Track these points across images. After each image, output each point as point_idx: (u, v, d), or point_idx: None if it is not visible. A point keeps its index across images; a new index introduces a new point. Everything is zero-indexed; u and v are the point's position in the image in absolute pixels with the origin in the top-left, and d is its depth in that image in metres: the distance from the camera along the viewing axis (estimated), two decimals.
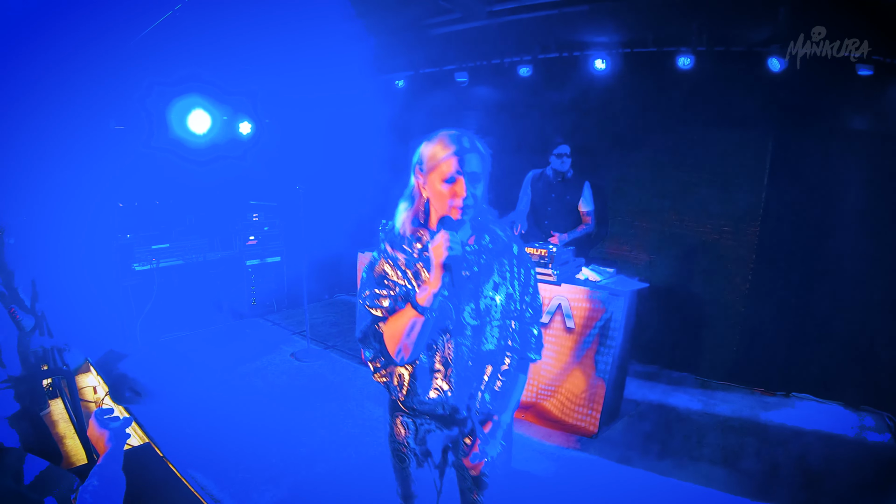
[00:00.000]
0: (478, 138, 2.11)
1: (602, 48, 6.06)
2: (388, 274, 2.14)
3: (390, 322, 2.07)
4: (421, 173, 2.12)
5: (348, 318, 7.48)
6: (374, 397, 5.35)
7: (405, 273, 2.13)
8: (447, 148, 2.02)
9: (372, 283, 2.17)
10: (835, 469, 4.44)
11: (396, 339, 2.04)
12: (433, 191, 2.08)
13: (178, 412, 4.91)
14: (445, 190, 2.03)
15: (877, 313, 5.36)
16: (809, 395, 5.72)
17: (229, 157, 7.18)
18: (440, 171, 2.02)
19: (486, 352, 2.20)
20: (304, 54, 6.69)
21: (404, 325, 2.00)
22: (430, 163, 2.05)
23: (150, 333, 6.58)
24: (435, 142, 2.07)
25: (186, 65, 6.45)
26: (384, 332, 2.10)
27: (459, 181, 2.01)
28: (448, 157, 2.01)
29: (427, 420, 2.26)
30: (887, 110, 5.12)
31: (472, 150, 2.04)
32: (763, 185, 5.75)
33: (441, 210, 2.07)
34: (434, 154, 2.04)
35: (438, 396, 2.18)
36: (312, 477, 4.10)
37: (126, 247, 6.47)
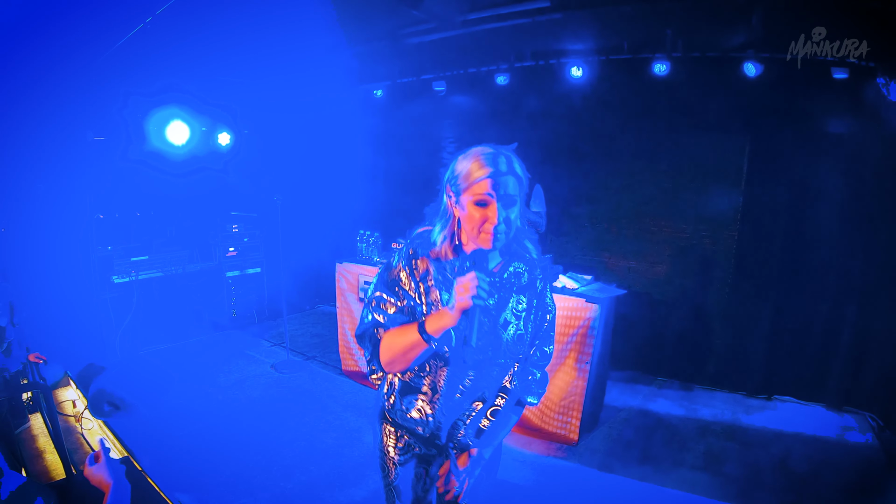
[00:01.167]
0: (516, 157, 1.95)
1: (578, 56, 6.09)
2: (402, 282, 2.03)
3: (391, 335, 1.99)
4: (452, 192, 1.96)
5: (329, 329, 7.44)
6: (352, 408, 5.32)
7: (418, 286, 2.03)
8: (482, 168, 1.86)
9: (383, 286, 2.06)
10: (817, 471, 4.46)
11: (391, 354, 1.97)
12: (464, 213, 1.93)
13: (157, 425, 4.84)
14: (476, 214, 1.88)
15: (856, 314, 5.40)
16: (791, 398, 5.76)
17: (209, 168, 7.14)
18: (472, 192, 1.87)
19: (479, 386, 2.14)
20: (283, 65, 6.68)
21: (404, 344, 1.92)
22: (463, 182, 1.90)
23: (129, 346, 6.52)
24: (469, 159, 1.91)
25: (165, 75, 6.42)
26: (382, 341, 2.00)
27: (492, 206, 1.86)
28: (482, 179, 1.85)
29: (407, 434, 2.21)
30: (863, 113, 5.16)
31: (509, 173, 1.88)
32: (740, 189, 5.79)
33: (471, 233, 1.94)
34: (468, 174, 1.88)
35: (420, 418, 2.13)
36: (290, 488, 4.07)
37: (105, 259, 6.42)
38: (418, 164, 7.70)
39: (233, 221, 7.71)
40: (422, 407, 2.13)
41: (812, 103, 5.37)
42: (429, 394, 2.11)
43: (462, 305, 1.77)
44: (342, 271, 5.67)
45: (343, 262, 5.67)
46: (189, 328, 7.18)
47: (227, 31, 5.85)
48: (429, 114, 7.55)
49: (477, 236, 1.91)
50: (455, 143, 7.68)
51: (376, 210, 7.50)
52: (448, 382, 2.08)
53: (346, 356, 5.86)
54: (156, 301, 6.87)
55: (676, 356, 6.13)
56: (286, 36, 6.09)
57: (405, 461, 2.25)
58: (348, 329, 5.75)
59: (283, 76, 6.99)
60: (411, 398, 2.14)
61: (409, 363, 1.97)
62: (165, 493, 2.51)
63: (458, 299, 1.77)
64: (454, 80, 7.13)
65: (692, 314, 6.10)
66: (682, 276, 6.13)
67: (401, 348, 1.94)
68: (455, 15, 5.87)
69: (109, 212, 6.64)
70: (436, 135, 7.84)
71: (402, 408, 2.16)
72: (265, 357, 6.63)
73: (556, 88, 6.34)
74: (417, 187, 7.73)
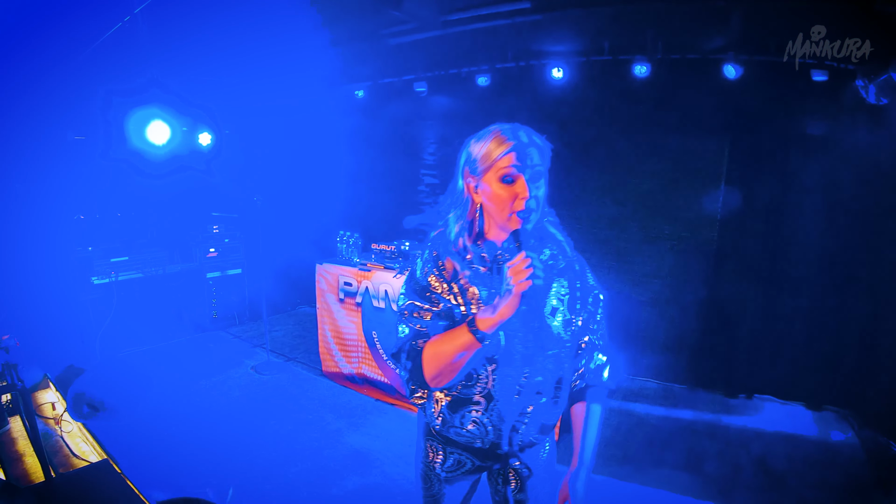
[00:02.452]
0: (535, 132, 1.84)
1: (559, 57, 6.09)
2: (432, 286, 1.90)
3: (435, 343, 1.81)
4: (472, 175, 1.85)
5: (310, 330, 7.39)
6: (333, 409, 5.31)
7: (451, 287, 1.89)
8: (503, 143, 1.75)
9: (413, 294, 1.92)
10: (798, 469, 4.49)
11: (439, 363, 1.79)
12: (489, 194, 1.80)
13: (137, 428, 4.81)
14: (503, 192, 1.76)
15: (836, 314, 5.45)
16: (772, 397, 5.79)
17: (190, 168, 7.09)
18: (496, 169, 1.76)
19: (535, 383, 1.95)
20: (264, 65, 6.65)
21: (453, 350, 1.75)
22: (484, 162, 1.78)
23: (110, 348, 6.46)
24: (487, 138, 1.80)
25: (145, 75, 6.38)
26: (425, 351, 1.82)
27: (520, 180, 1.75)
28: (505, 153, 1.74)
29: (459, 450, 2.06)
30: (842, 115, 5.21)
31: (532, 144, 1.77)
32: (720, 191, 5.82)
33: (499, 217, 1.82)
34: (488, 152, 1.77)
35: (477, 429, 1.96)
36: (270, 489, 4.05)
37: (85, 260, 6.37)
38: (399, 165, 7.71)
39: (214, 222, 7.67)
40: (478, 418, 1.95)
41: (791, 105, 5.42)
42: (483, 402, 1.93)
43: (520, 288, 1.61)
44: (322, 272, 5.66)
45: (323, 263, 5.66)
46: (170, 330, 7.14)
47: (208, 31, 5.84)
48: (410, 114, 7.54)
49: (507, 218, 1.78)
50: (436, 144, 7.68)
51: (357, 211, 7.49)
52: (501, 385, 1.91)
53: (326, 357, 5.84)
54: (136, 302, 6.82)
55: (656, 356, 6.15)
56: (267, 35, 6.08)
57: (453, 479, 2.13)
58: (328, 330, 5.73)
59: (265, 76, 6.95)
60: (464, 411, 1.96)
61: (457, 372, 1.79)
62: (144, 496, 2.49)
63: (515, 286, 1.61)
64: (435, 80, 7.12)
65: (672, 314, 6.13)
66: (663, 276, 6.15)
67: (449, 355, 1.76)
68: (435, 15, 5.87)
69: (90, 212, 6.60)
70: (417, 135, 7.82)
71: (457, 424, 1.98)
72: (246, 358, 6.59)
73: (538, 90, 6.34)
74: (398, 188, 7.79)
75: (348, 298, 5.48)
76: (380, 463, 4.41)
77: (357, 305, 5.41)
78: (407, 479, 4.20)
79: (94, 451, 2.80)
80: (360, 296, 5.36)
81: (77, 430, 2.99)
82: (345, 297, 5.51)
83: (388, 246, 5.48)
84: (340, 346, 5.67)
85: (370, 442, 4.73)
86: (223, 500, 3.91)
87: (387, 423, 5.05)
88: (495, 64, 6.56)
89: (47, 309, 5.79)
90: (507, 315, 1.65)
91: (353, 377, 5.63)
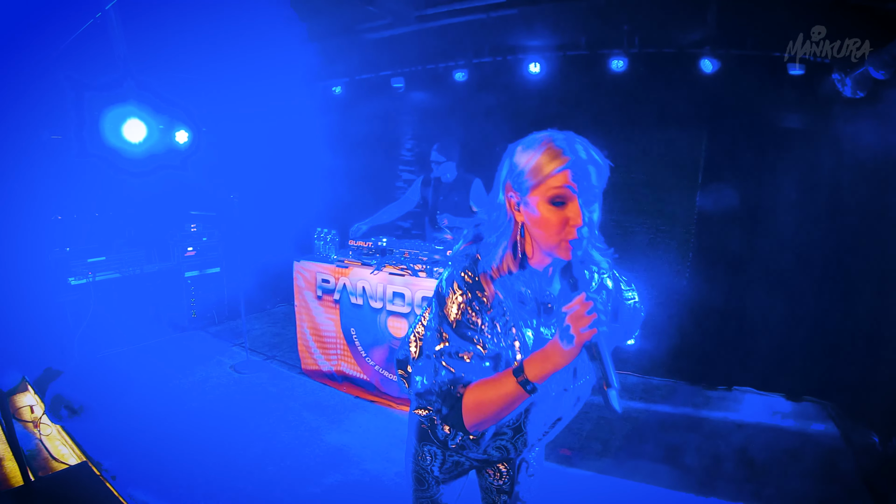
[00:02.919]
0: (592, 145, 1.61)
1: (536, 52, 6.11)
2: (472, 321, 1.62)
3: (477, 391, 1.59)
4: (515, 191, 1.61)
5: (289, 328, 7.33)
6: (312, 407, 5.27)
7: (493, 324, 1.65)
8: (557, 157, 1.52)
9: (449, 328, 1.64)
10: (778, 459, 4.52)
11: (480, 414, 1.58)
12: (534, 217, 1.57)
13: (116, 429, 4.75)
14: (553, 216, 1.53)
15: (813, 305, 5.49)
16: (751, 388, 5.82)
17: (167, 166, 7.02)
18: (547, 187, 1.52)
19: (558, 408, 1.85)
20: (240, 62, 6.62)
21: (499, 400, 1.55)
22: (532, 177, 1.54)
23: (88, 349, 6.39)
24: (537, 148, 1.56)
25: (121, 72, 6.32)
26: (466, 399, 1.60)
27: (573, 203, 1.52)
28: (559, 170, 1.51)
29: (459, 455, 1.99)
30: (818, 109, 5.25)
31: (590, 161, 1.54)
32: (697, 184, 5.86)
33: (545, 242, 1.59)
34: (538, 166, 1.53)
35: (499, 452, 1.86)
36: (250, 488, 4.01)
37: (62, 261, 6.31)
38: (377, 161, 7.70)
39: (191, 221, 7.61)
40: (502, 444, 1.83)
41: (768, 99, 5.45)
42: (509, 433, 1.82)
43: (583, 339, 1.38)
44: (300, 269, 5.63)
45: (301, 260, 5.62)
46: (148, 330, 7.07)
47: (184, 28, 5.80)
48: (388, 110, 7.52)
49: (555, 245, 1.57)
50: (414, 140, 7.67)
51: (334, 207, 7.43)
52: (533, 424, 1.80)
53: (305, 355, 5.81)
54: (114, 303, 6.75)
55: (635, 350, 6.17)
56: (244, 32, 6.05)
57: (451, 478, 2.08)
58: (307, 327, 5.70)
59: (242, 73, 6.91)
60: (488, 441, 1.83)
61: (500, 419, 1.62)
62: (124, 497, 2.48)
63: (577, 335, 1.38)
64: (413, 76, 7.10)
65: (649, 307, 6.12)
66: (640, 269, 6.16)
67: (494, 406, 1.56)
68: (409, 10, 5.86)
69: (67, 212, 6.53)
70: (395, 131, 7.82)
71: (474, 449, 1.87)
72: (225, 357, 6.54)
73: (515, 85, 6.35)
74: (376, 184, 7.78)
75: (326, 295, 5.46)
76: (359, 460, 4.39)
77: (335, 302, 5.39)
78: (387, 475, 4.19)
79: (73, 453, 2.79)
80: (337, 293, 5.34)
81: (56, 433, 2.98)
82: (323, 295, 5.48)
83: (366, 242, 5.45)
84: (319, 343, 5.65)
85: (350, 439, 4.70)
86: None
87: (366, 421, 5.03)
88: (472, 59, 6.56)
89: (24, 311, 5.72)
90: (562, 365, 1.45)
91: (333, 375, 5.61)
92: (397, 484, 4.08)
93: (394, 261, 5.17)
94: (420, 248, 5.16)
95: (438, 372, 1.64)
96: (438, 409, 1.67)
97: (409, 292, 4.87)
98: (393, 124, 7.73)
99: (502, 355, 1.67)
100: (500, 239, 1.65)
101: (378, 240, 5.41)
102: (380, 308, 5.08)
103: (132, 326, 6.90)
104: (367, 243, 5.45)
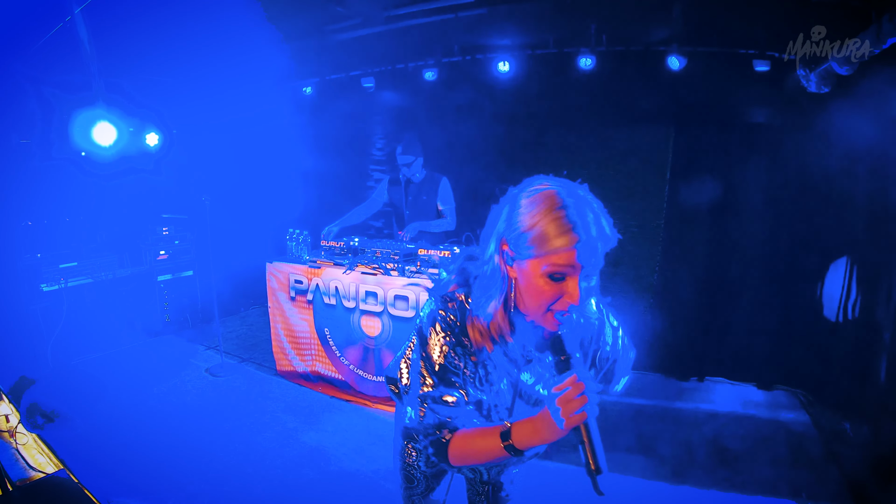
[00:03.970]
0: (603, 211, 1.49)
1: (505, 51, 6.15)
2: (456, 366, 1.61)
3: (462, 441, 1.58)
4: (512, 251, 1.50)
5: (263, 331, 7.29)
6: (289, 408, 5.27)
7: (475, 370, 1.64)
8: (566, 234, 1.39)
9: (433, 374, 1.62)
10: (750, 447, 4.61)
11: (466, 460, 1.61)
12: (528, 282, 1.48)
13: (92, 436, 4.72)
14: (547, 288, 1.44)
15: (782, 296, 5.60)
16: (723, 379, 5.93)
17: (138, 169, 6.97)
18: (548, 262, 1.41)
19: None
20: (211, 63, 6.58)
21: (483, 452, 1.54)
22: (536, 247, 1.42)
23: (62, 356, 6.30)
24: (545, 214, 1.42)
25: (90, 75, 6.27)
26: (452, 447, 1.59)
27: (573, 280, 1.43)
28: (566, 249, 1.39)
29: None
30: (784, 104, 5.34)
31: (600, 238, 1.42)
32: (666, 180, 5.93)
33: (533, 310, 1.51)
34: (544, 237, 1.40)
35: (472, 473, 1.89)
36: (228, 491, 4.02)
37: (33, 267, 6.23)
38: (348, 161, 7.70)
39: (163, 224, 7.54)
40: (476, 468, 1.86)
41: (735, 95, 5.54)
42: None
43: (572, 423, 1.33)
44: (273, 270, 5.62)
45: (274, 262, 5.61)
46: (122, 335, 6.99)
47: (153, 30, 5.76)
48: (358, 110, 7.52)
49: (543, 315, 1.49)
50: (384, 139, 7.68)
51: (307, 208, 7.43)
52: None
53: (280, 356, 5.80)
54: (87, 308, 6.66)
55: None
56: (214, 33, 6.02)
57: (441, 473, 2.10)
58: (281, 329, 5.70)
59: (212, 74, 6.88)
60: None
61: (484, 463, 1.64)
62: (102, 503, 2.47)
63: (565, 416, 1.33)
64: (383, 76, 7.11)
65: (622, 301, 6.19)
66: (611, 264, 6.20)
67: (478, 457, 1.58)
68: (379, 11, 5.87)
69: (38, 217, 6.46)
70: (366, 131, 7.82)
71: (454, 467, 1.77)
72: (200, 361, 6.51)
73: (485, 83, 6.39)
74: (348, 184, 7.78)
75: (299, 296, 5.46)
76: (336, 459, 4.40)
77: (308, 303, 5.39)
78: (364, 473, 4.21)
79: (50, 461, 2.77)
80: (310, 293, 5.34)
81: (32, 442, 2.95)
82: (296, 295, 5.48)
83: (338, 242, 5.45)
84: (293, 344, 5.64)
85: (326, 439, 4.71)
86: None
87: (342, 420, 5.03)
88: (441, 59, 6.59)
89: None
90: (549, 441, 1.42)
91: (308, 375, 5.61)
92: (374, 481, 4.11)
93: (366, 260, 5.18)
94: (391, 247, 5.17)
95: (425, 416, 1.63)
96: (425, 446, 1.65)
97: (381, 291, 4.88)
98: (363, 124, 7.74)
99: (484, 402, 1.67)
100: (491, 293, 1.56)
101: (350, 239, 5.42)
102: (353, 307, 5.09)
103: (106, 332, 6.82)
104: (339, 243, 5.44)
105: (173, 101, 7.27)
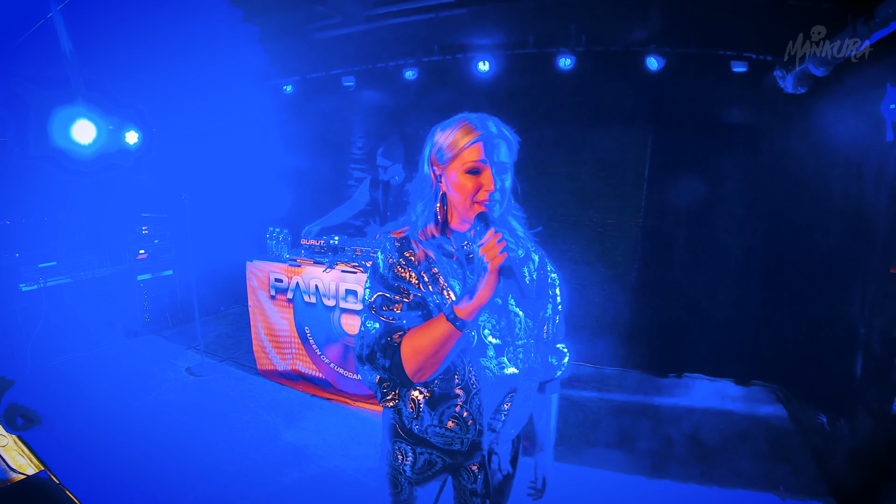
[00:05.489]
0: (503, 123, 1.83)
1: (485, 50, 6.16)
2: (401, 275, 1.80)
3: (414, 336, 1.72)
4: (438, 164, 1.83)
5: (243, 330, 7.27)
6: (269, 407, 5.27)
7: (420, 276, 1.81)
8: (470, 133, 1.74)
9: (380, 285, 1.81)
10: (728, 441, 4.69)
11: (420, 357, 1.69)
12: (453, 184, 1.79)
13: (73, 437, 4.69)
14: (469, 183, 1.75)
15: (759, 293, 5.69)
16: (701, 375, 6.00)
17: (117, 167, 6.92)
18: (462, 160, 1.75)
19: (508, 376, 1.89)
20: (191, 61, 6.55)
21: (434, 342, 1.66)
22: (450, 151, 1.77)
23: (41, 357, 6.25)
24: (454, 127, 1.79)
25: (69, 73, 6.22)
26: (403, 347, 1.72)
27: (486, 172, 1.75)
28: (472, 143, 1.73)
29: (428, 450, 1.99)
30: (760, 105, 5.42)
31: (500, 136, 1.77)
32: (644, 179, 5.98)
33: (462, 207, 1.80)
34: (454, 141, 1.76)
35: (457, 426, 1.88)
36: (212, 490, 4.01)
37: (11, 266, 6.17)
38: (329, 160, 7.69)
39: (143, 223, 7.48)
40: (458, 413, 1.86)
41: (712, 96, 5.63)
42: (462, 395, 1.85)
43: (496, 263, 1.57)
44: (253, 269, 5.61)
45: (254, 261, 5.60)
46: (102, 335, 6.92)
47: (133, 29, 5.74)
48: (339, 109, 7.52)
49: (470, 207, 1.78)
50: (364, 138, 7.67)
51: (286, 207, 7.41)
52: (479, 375, 1.84)
53: (260, 355, 5.78)
54: (66, 308, 6.61)
55: (588, 341, 6.27)
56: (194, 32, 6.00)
57: (424, 480, 2.06)
58: (261, 327, 5.68)
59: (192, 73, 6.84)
60: (444, 407, 1.87)
61: (440, 363, 1.70)
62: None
63: (490, 262, 1.58)
64: (363, 75, 7.10)
65: (601, 300, 6.25)
66: (590, 263, 6.27)
67: (430, 347, 1.67)
68: (359, 10, 5.88)
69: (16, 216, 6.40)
70: (346, 130, 7.82)
71: (435, 423, 1.89)
72: (180, 361, 6.47)
73: (465, 83, 6.40)
74: (328, 183, 7.77)
75: (280, 295, 5.45)
76: (318, 458, 4.40)
77: (288, 301, 5.38)
78: (346, 471, 4.22)
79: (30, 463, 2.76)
80: (291, 292, 5.34)
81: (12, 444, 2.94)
82: (276, 294, 5.48)
83: (318, 241, 5.45)
84: (274, 343, 5.64)
85: (307, 437, 4.72)
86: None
87: (323, 418, 5.04)
88: (422, 58, 6.59)
89: None
90: (485, 298, 1.61)
91: (288, 374, 5.60)
92: (356, 479, 4.13)
93: (346, 258, 5.18)
94: (371, 245, 5.18)
95: (371, 327, 1.80)
96: (382, 365, 1.77)
97: (361, 289, 4.87)
98: (344, 123, 7.73)
99: (432, 303, 1.81)
100: (424, 207, 1.89)
101: (330, 238, 5.41)
102: (333, 306, 5.10)
103: (85, 332, 6.76)
104: (320, 241, 5.44)
105: (153, 100, 7.22)
